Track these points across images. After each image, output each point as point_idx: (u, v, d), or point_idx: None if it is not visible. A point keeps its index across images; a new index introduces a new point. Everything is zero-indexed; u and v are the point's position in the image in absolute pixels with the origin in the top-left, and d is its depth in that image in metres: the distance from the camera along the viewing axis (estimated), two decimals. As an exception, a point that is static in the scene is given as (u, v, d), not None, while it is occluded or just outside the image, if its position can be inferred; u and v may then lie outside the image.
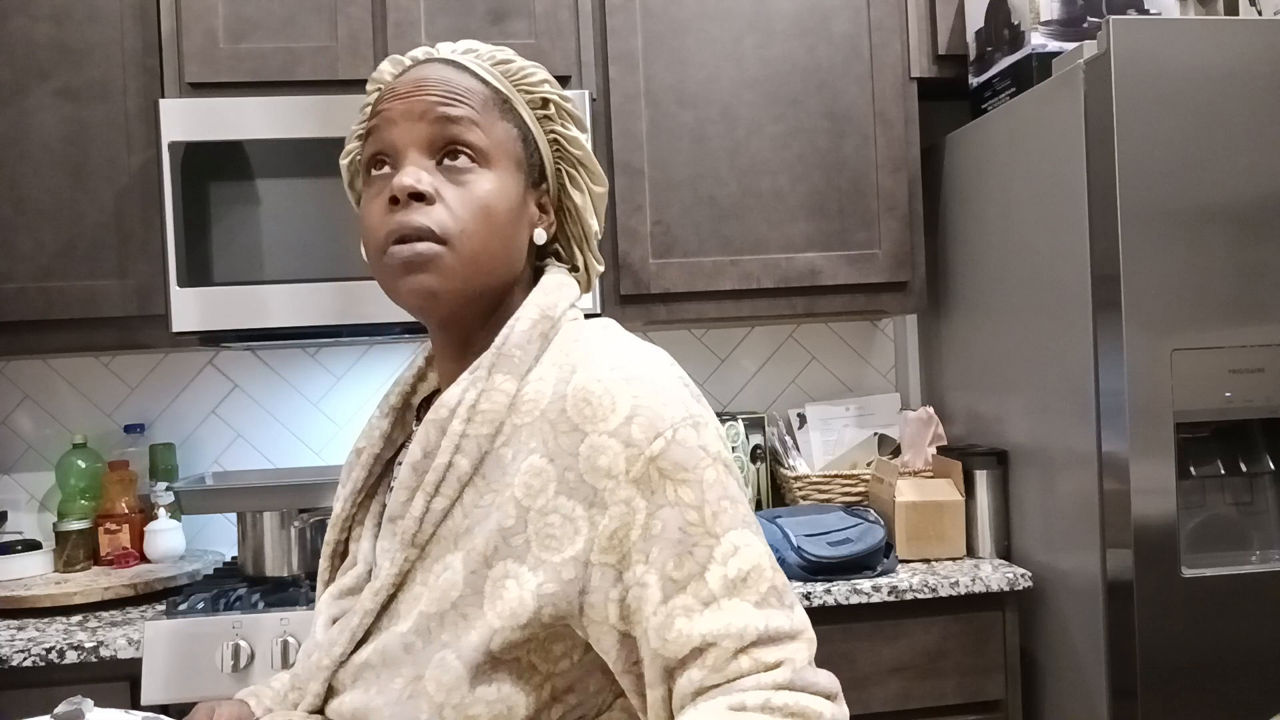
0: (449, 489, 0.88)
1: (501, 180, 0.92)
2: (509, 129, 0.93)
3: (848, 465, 2.33)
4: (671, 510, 0.82)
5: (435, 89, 0.91)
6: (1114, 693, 1.71)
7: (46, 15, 1.97)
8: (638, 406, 0.84)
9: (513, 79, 0.95)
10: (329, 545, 1.00)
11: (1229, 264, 1.66)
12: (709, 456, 0.84)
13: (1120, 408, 1.66)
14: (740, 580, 0.81)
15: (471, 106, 0.91)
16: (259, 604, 1.76)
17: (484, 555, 0.85)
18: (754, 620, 0.80)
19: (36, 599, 1.86)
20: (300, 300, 1.91)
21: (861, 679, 1.85)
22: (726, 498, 0.84)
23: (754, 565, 0.82)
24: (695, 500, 0.82)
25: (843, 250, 2.15)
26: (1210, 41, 1.65)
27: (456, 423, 0.89)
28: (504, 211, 0.92)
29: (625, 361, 0.88)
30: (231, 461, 2.35)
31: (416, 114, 0.90)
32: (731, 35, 2.13)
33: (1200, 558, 1.70)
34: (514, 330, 0.91)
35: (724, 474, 0.85)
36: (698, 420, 0.86)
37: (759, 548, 0.83)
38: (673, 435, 0.83)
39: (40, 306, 1.95)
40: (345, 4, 2.02)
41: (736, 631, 0.79)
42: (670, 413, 0.84)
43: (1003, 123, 1.98)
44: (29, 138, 1.96)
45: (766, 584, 0.82)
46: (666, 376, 0.88)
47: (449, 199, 0.89)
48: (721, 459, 0.86)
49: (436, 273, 0.88)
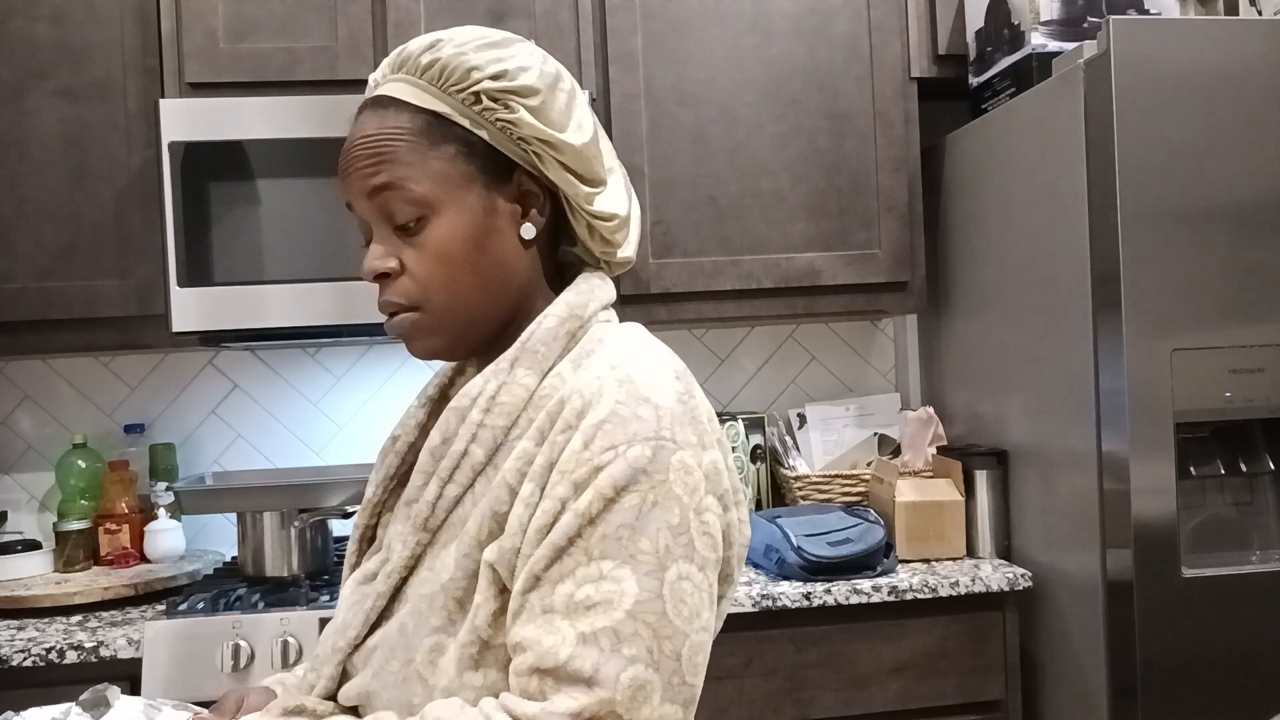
0: (462, 476, 0.90)
1: (452, 216, 0.91)
2: (446, 150, 0.91)
3: (848, 465, 2.33)
4: (572, 516, 0.82)
5: (363, 155, 0.91)
6: (1114, 693, 1.71)
7: (46, 15, 1.97)
8: (614, 412, 0.84)
9: (441, 85, 0.91)
10: (357, 529, 1.03)
11: (1229, 264, 1.66)
12: (649, 482, 0.82)
13: (1120, 408, 1.66)
14: (582, 606, 0.79)
15: (398, 160, 0.90)
16: (259, 604, 1.76)
17: (476, 539, 0.87)
18: (563, 649, 0.78)
19: (36, 599, 1.86)
20: (300, 300, 1.91)
21: (861, 679, 1.85)
22: (631, 527, 0.81)
23: (605, 599, 0.79)
24: (596, 516, 0.81)
25: (843, 250, 2.15)
26: (1210, 41, 1.65)
27: (475, 412, 0.90)
28: (464, 245, 0.91)
29: (627, 364, 0.88)
30: (231, 461, 2.35)
31: (357, 192, 0.92)
32: (731, 35, 2.13)
33: (1200, 558, 1.70)
34: (540, 327, 0.92)
35: (649, 505, 0.81)
36: (663, 444, 0.83)
37: (628, 589, 0.79)
38: (625, 450, 0.82)
39: (40, 306, 1.95)
40: (345, 4, 2.02)
41: (541, 652, 0.79)
42: (637, 427, 0.83)
43: (1003, 123, 1.98)
44: (29, 138, 1.96)
45: (606, 622, 0.78)
46: (661, 390, 0.86)
47: (409, 263, 0.91)
48: (663, 489, 0.82)
49: (423, 336, 0.92)
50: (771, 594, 1.81)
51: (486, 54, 0.92)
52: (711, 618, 0.85)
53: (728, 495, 0.89)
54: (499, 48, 0.93)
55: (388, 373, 2.39)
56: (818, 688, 1.84)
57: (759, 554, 1.97)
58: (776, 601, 1.81)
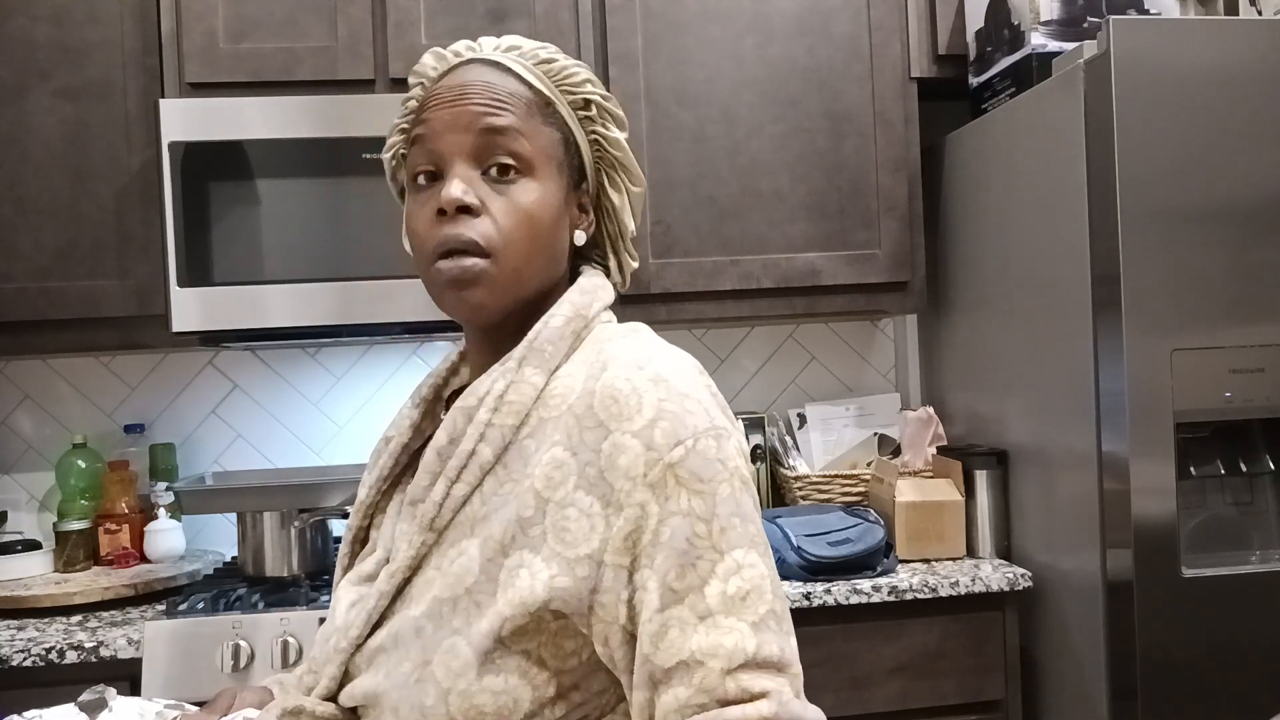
0: (470, 476, 0.89)
1: (544, 187, 0.93)
2: (551, 133, 0.94)
3: (848, 465, 2.32)
4: (681, 519, 0.82)
5: (479, 96, 0.91)
6: (1114, 693, 1.71)
7: (46, 15, 1.97)
8: (663, 410, 0.84)
9: (555, 79, 0.95)
10: (350, 531, 1.02)
11: (1229, 264, 1.66)
12: (726, 470, 0.84)
13: (1120, 408, 1.66)
14: (739, 599, 0.81)
15: (515, 114, 0.92)
16: (259, 604, 1.76)
17: (501, 544, 0.86)
18: (746, 642, 0.79)
19: (36, 599, 1.86)
20: (300, 300, 1.91)
21: (861, 679, 1.85)
22: (738, 514, 0.84)
23: (755, 585, 0.81)
24: (706, 512, 0.82)
25: (843, 250, 2.15)
26: (1210, 41, 1.65)
27: (483, 412, 0.90)
28: (547, 219, 0.93)
29: (654, 362, 0.88)
30: (231, 461, 2.35)
31: (462, 125, 0.91)
32: (731, 35, 2.13)
33: (1200, 558, 1.70)
34: (547, 326, 0.92)
35: (739, 490, 0.85)
36: (720, 432, 0.86)
37: (763, 569, 0.83)
38: (694, 444, 0.84)
39: (40, 306, 1.95)
40: (345, 4, 2.02)
41: (726, 652, 0.79)
42: (694, 421, 0.85)
43: (1003, 123, 1.98)
44: (29, 138, 1.96)
45: (765, 606, 0.81)
46: (695, 384, 0.88)
47: (494, 210, 0.91)
48: (739, 474, 0.85)
49: (484, 287, 0.91)
50: (771, 594, 1.81)
51: (593, 74, 0.99)
52: None
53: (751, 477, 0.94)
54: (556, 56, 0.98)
55: (388, 373, 2.39)
56: (818, 688, 1.84)
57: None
58: (776, 601, 1.81)
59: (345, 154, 1.92)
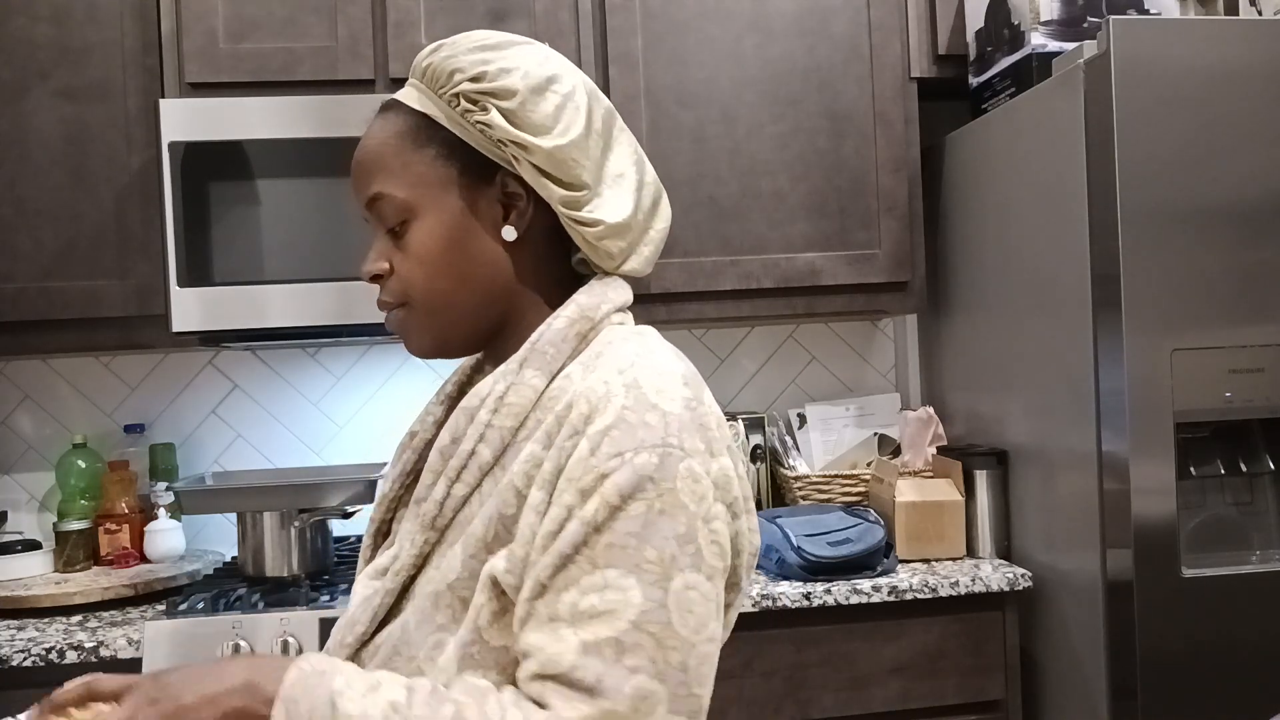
0: (470, 476, 0.90)
1: (433, 218, 0.93)
2: (428, 153, 0.93)
3: (848, 465, 2.32)
4: (579, 525, 0.81)
5: (359, 165, 0.96)
6: (1114, 693, 1.71)
7: (46, 15, 1.97)
8: (622, 418, 0.83)
9: (431, 88, 0.94)
10: (372, 524, 1.04)
11: (1229, 264, 1.66)
12: (656, 489, 0.81)
13: (1120, 408, 1.66)
14: (587, 616, 0.79)
15: (385, 167, 0.94)
16: (259, 604, 1.76)
17: (483, 541, 0.87)
18: (564, 656, 0.78)
19: (36, 599, 1.86)
20: (300, 300, 1.91)
21: (861, 679, 1.85)
22: (639, 536, 0.80)
23: (610, 610, 0.79)
24: (604, 524, 0.81)
25: (843, 250, 2.15)
26: (1210, 41, 1.65)
27: (484, 412, 0.91)
28: (440, 246, 0.93)
29: (634, 368, 0.87)
30: (231, 461, 2.35)
31: (358, 201, 0.98)
32: (731, 35, 2.13)
33: (1200, 558, 1.70)
34: (550, 328, 0.92)
35: (656, 514, 0.81)
36: (669, 450, 0.82)
37: (632, 599, 0.79)
38: (632, 457, 0.82)
39: (40, 306, 1.95)
40: (345, 4, 2.02)
41: (545, 657, 0.79)
42: (645, 434, 0.83)
43: (1003, 123, 1.98)
44: (29, 138, 1.96)
45: (610, 632, 0.78)
46: (670, 396, 0.86)
47: (396, 265, 0.95)
48: (672, 497, 0.81)
49: (415, 333, 0.96)
50: (771, 594, 1.81)
51: (475, 56, 0.93)
52: (719, 628, 0.84)
53: (738, 503, 0.88)
54: (492, 49, 0.94)
55: (388, 373, 2.39)
56: (818, 688, 1.84)
57: (759, 554, 1.97)
58: (776, 601, 1.81)
59: (345, 154, 1.92)
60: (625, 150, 0.98)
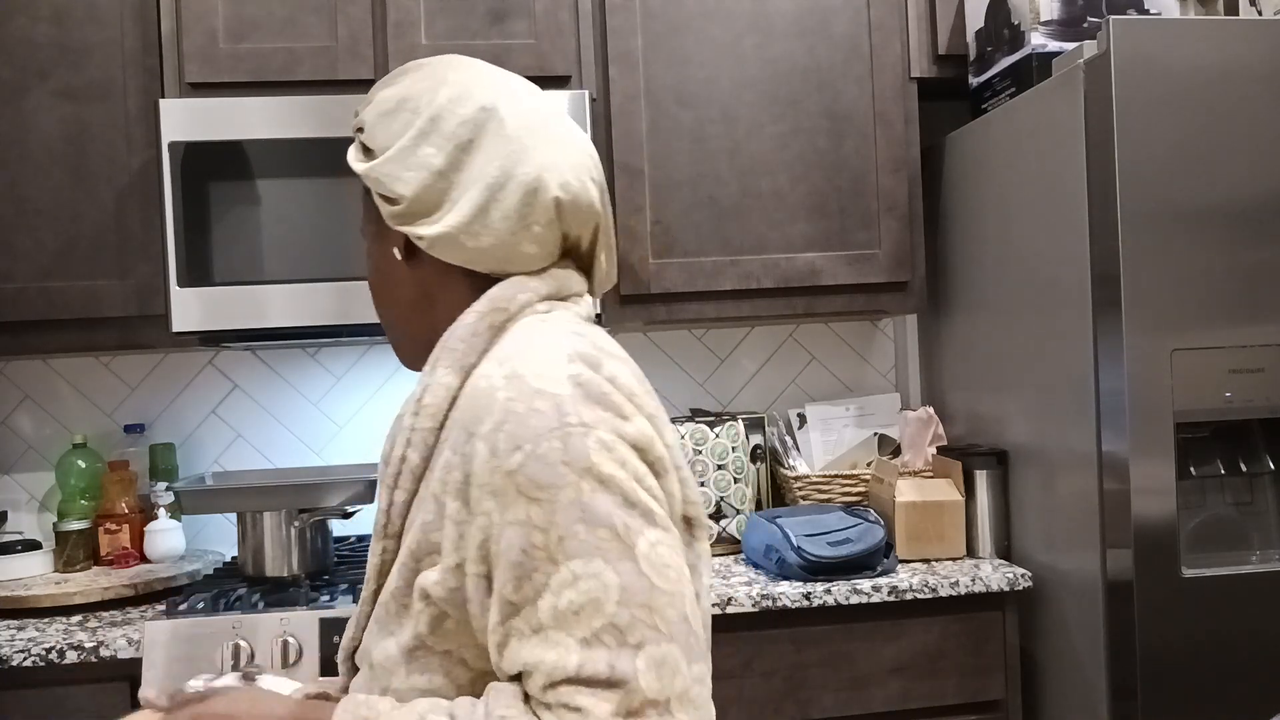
0: (406, 482, 0.90)
1: (368, 249, 1.03)
2: (361, 189, 1.03)
3: (848, 465, 2.32)
4: (518, 529, 0.80)
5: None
6: (1114, 693, 1.71)
7: (46, 15, 1.97)
8: (509, 411, 0.82)
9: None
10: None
11: (1229, 264, 1.66)
12: (573, 473, 0.80)
13: (1120, 408, 1.66)
14: (571, 613, 0.78)
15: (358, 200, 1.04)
16: (259, 604, 1.76)
17: (413, 552, 0.88)
18: (570, 659, 0.77)
19: (36, 599, 1.86)
20: (300, 300, 1.91)
21: (861, 679, 1.85)
22: (582, 521, 0.79)
23: (591, 599, 0.78)
24: (544, 521, 0.79)
25: (843, 250, 2.15)
26: (1210, 41, 1.65)
27: (407, 417, 0.91)
28: (372, 275, 1.02)
29: (515, 358, 0.86)
30: (231, 461, 2.35)
31: None
32: (731, 35, 2.13)
33: (1200, 558, 1.70)
34: (460, 323, 0.92)
35: (589, 493, 0.80)
36: (570, 431, 0.81)
37: (606, 579, 0.78)
38: (534, 449, 0.80)
39: (40, 306, 1.95)
40: (345, 4, 2.02)
41: (548, 667, 0.78)
42: (538, 422, 0.81)
43: (1003, 123, 1.98)
44: (29, 138, 1.96)
45: (601, 620, 0.77)
46: (552, 377, 0.84)
47: None
48: (593, 474, 0.80)
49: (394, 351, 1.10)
50: (771, 594, 1.81)
51: (374, 91, 0.99)
52: (685, 567, 0.85)
53: (662, 461, 0.87)
54: (387, 83, 0.99)
55: (387, 373, 2.39)
56: (818, 688, 1.84)
57: (759, 554, 1.97)
58: (776, 601, 1.81)
59: (345, 154, 1.92)
60: (439, 133, 0.94)
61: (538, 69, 2.05)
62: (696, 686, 0.79)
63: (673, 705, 0.77)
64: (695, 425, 2.15)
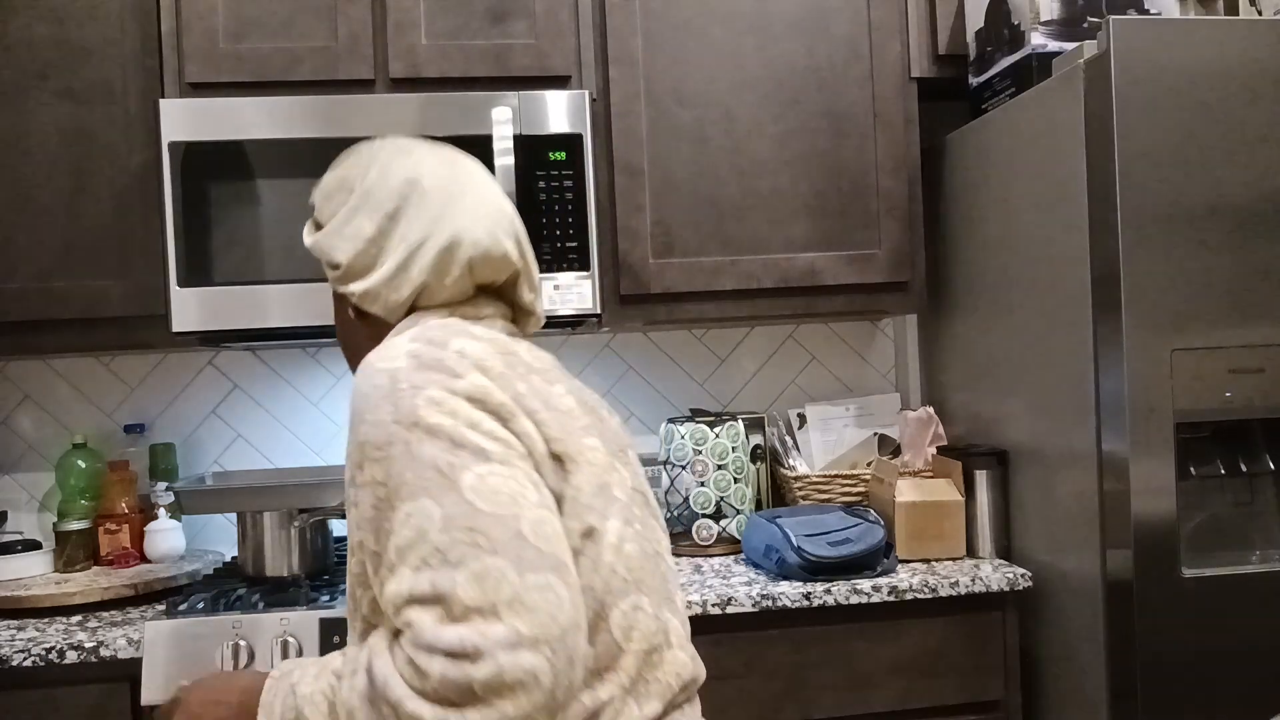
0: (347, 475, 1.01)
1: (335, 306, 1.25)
2: None
3: (848, 465, 2.33)
4: (368, 490, 0.93)
5: None
6: (1114, 693, 1.71)
7: (46, 15, 1.97)
8: (359, 392, 0.97)
9: None
10: None
11: (1229, 264, 1.66)
12: (403, 429, 0.92)
13: (1120, 408, 1.66)
14: (407, 549, 0.89)
15: None
16: (259, 604, 1.76)
17: (350, 542, 1.00)
18: (404, 585, 0.88)
19: (36, 599, 1.86)
20: (300, 300, 1.91)
21: (861, 679, 1.85)
22: (410, 468, 0.90)
23: (417, 532, 0.88)
24: (383, 476, 0.92)
25: (843, 250, 2.15)
26: (1210, 41, 1.65)
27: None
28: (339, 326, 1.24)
29: (373, 351, 1.01)
30: (232, 461, 2.35)
31: None
32: (731, 35, 2.13)
33: (1200, 558, 1.70)
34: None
35: (416, 443, 0.91)
36: (399, 393, 0.93)
37: (430, 511, 0.89)
38: (373, 417, 0.94)
39: (40, 306, 1.95)
40: (345, 4, 2.02)
41: (391, 597, 0.89)
42: (375, 395, 0.95)
43: (1003, 123, 1.98)
44: (29, 138, 1.96)
45: (428, 547, 0.87)
46: (392, 355, 0.98)
47: None
48: (421, 426, 0.91)
49: None
50: (771, 594, 1.81)
51: (324, 176, 1.20)
52: (547, 497, 0.95)
53: (505, 407, 0.97)
54: (333, 168, 1.19)
55: (388, 373, 2.38)
56: (818, 688, 1.84)
57: (759, 554, 1.97)
58: (776, 601, 1.81)
59: (345, 154, 1.92)
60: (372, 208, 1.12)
61: (538, 69, 2.05)
62: (533, 593, 0.86)
63: (500, 610, 0.85)
64: (695, 425, 2.16)
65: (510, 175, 1.93)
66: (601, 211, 2.10)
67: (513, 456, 0.93)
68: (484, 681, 0.82)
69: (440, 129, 1.94)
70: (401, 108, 1.94)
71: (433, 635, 0.84)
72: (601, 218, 2.10)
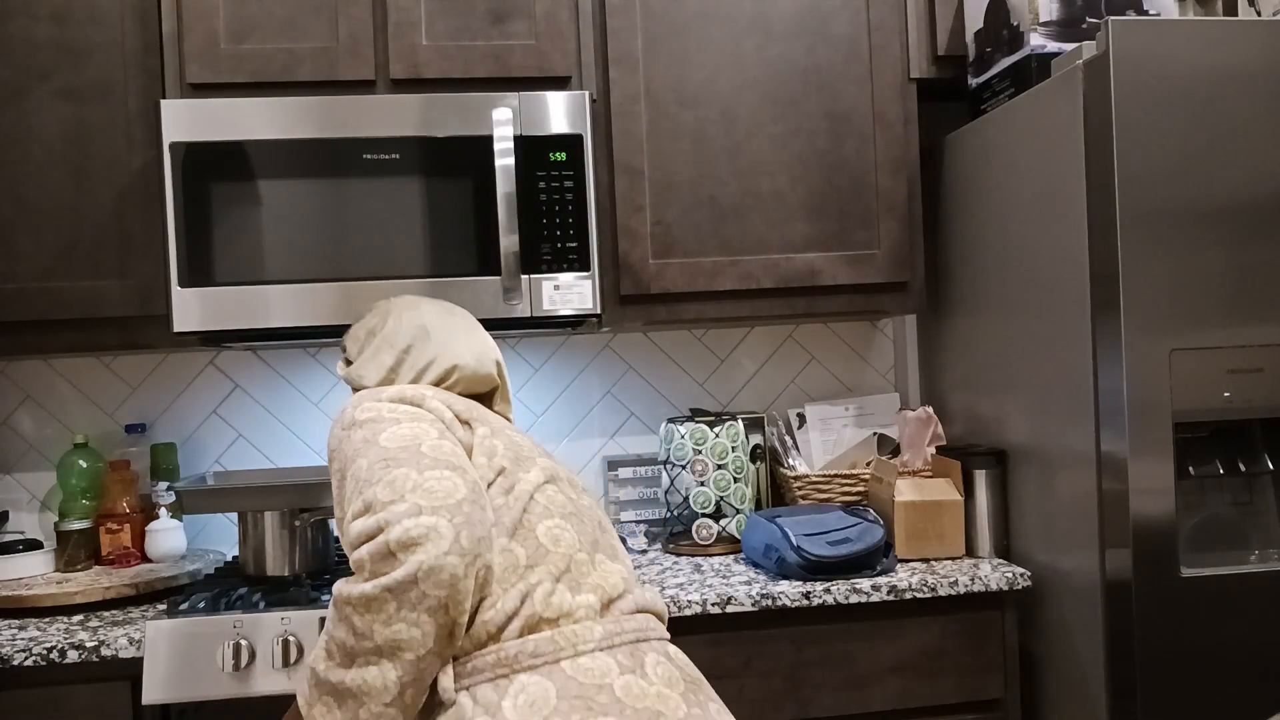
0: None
1: None
2: None
3: (847, 465, 2.33)
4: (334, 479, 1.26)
5: None
6: (1114, 692, 1.71)
7: (47, 15, 1.97)
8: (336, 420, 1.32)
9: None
10: None
11: (1229, 264, 1.67)
12: (342, 429, 1.26)
13: (1119, 408, 1.66)
14: (351, 494, 1.17)
15: None
16: (260, 603, 1.76)
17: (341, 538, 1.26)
18: (353, 529, 1.13)
19: (38, 599, 1.87)
20: (301, 300, 1.91)
21: (861, 679, 1.85)
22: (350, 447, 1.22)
23: (357, 481, 1.17)
24: (339, 464, 1.24)
25: (842, 250, 2.16)
26: (1209, 41, 1.66)
27: None
28: None
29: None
30: (232, 461, 2.35)
31: None
32: (731, 36, 2.13)
33: (1199, 558, 1.70)
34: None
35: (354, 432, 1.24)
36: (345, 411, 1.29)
37: (360, 464, 1.18)
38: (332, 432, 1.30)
39: (41, 307, 1.95)
40: (345, 4, 2.02)
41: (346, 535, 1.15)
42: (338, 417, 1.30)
43: (1002, 123, 1.99)
44: (30, 138, 1.96)
45: (360, 501, 1.15)
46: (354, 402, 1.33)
47: None
48: (355, 423, 1.25)
49: None
50: (771, 594, 1.81)
51: (353, 326, 1.58)
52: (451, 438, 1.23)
53: (423, 399, 1.30)
54: (361, 320, 1.58)
55: (388, 373, 2.39)
56: (818, 687, 1.84)
57: (759, 553, 1.97)
58: (776, 601, 1.81)
59: (346, 155, 1.92)
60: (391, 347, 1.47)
61: (538, 69, 2.06)
62: (431, 481, 1.13)
63: (405, 496, 1.12)
64: (695, 425, 2.16)
65: (510, 176, 1.93)
66: (602, 212, 2.11)
67: (421, 416, 1.25)
68: (396, 540, 1.07)
69: (441, 129, 1.94)
70: (402, 108, 1.94)
71: (359, 528, 1.11)
72: (601, 218, 2.11)
